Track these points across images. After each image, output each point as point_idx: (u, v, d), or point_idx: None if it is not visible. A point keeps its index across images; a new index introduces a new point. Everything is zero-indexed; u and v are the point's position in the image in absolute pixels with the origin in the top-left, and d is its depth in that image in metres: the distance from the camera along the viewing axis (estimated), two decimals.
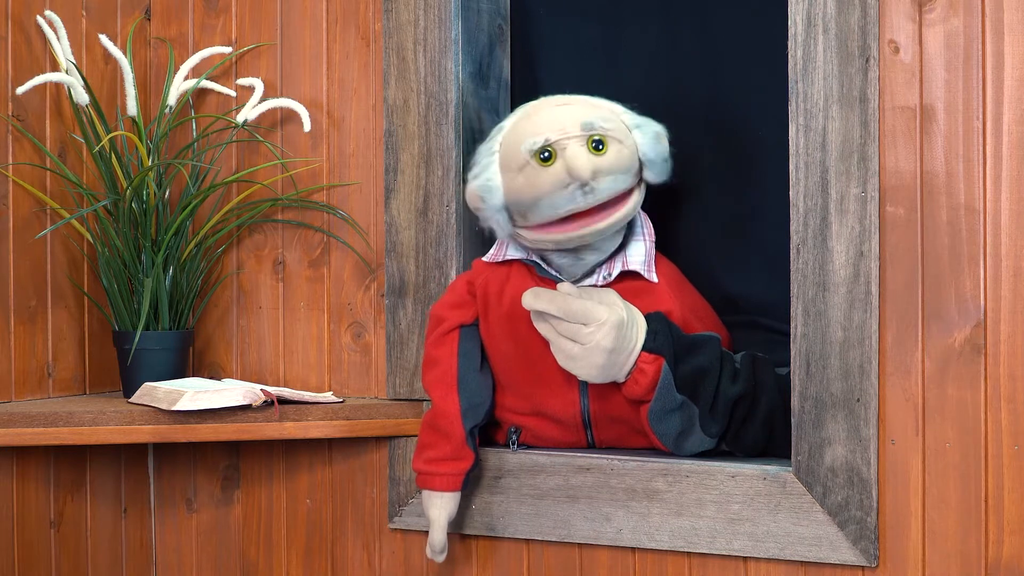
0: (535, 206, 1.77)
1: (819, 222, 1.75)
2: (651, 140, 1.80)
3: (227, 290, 2.23)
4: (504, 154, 1.80)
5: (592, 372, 1.75)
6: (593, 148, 1.75)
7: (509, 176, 1.79)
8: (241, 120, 2.15)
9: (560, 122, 1.77)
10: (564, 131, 1.76)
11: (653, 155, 1.80)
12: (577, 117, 1.77)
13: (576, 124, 1.77)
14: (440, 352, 1.91)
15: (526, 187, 1.76)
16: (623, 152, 1.77)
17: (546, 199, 1.75)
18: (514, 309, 1.85)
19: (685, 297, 1.88)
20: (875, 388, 1.73)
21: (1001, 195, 1.68)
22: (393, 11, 2.07)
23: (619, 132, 1.78)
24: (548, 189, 1.75)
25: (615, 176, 1.76)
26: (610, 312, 1.73)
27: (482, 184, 1.81)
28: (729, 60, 2.03)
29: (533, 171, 1.76)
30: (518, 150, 1.77)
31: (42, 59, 2.11)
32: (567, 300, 1.73)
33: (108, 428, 1.95)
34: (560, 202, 1.75)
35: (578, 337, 1.73)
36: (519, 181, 1.77)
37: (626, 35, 2.09)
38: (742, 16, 2.02)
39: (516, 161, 1.77)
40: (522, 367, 1.87)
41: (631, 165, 1.79)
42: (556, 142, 1.75)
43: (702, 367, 1.78)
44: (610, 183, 1.76)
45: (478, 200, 1.82)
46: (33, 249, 2.09)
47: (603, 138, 1.76)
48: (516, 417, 1.92)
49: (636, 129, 1.81)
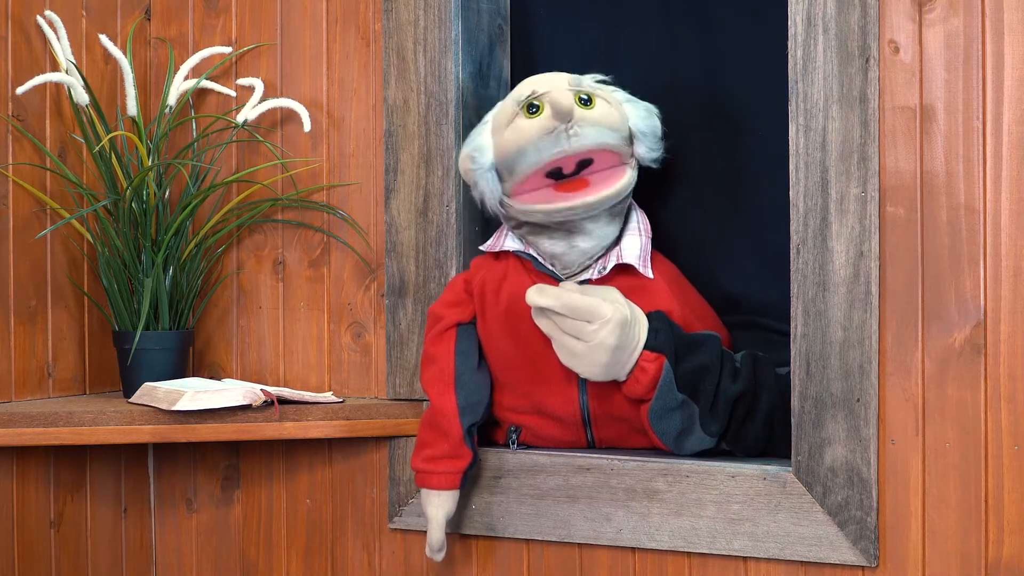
0: (521, 154, 1.79)
1: (819, 222, 1.75)
2: (642, 113, 1.85)
3: (227, 290, 2.23)
4: (496, 118, 1.86)
5: (595, 370, 1.75)
6: (580, 102, 1.78)
7: (499, 134, 1.83)
8: (241, 120, 2.15)
9: (549, 78, 1.84)
10: (552, 84, 1.81)
11: (644, 127, 1.83)
12: (566, 75, 1.84)
13: (564, 80, 1.83)
14: (437, 350, 1.91)
15: (512, 136, 1.80)
16: (611, 112, 1.81)
17: (531, 145, 1.78)
18: (512, 307, 1.85)
19: (684, 296, 1.88)
20: (875, 388, 1.73)
21: (1001, 195, 1.68)
22: (393, 11, 2.07)
23: (608, 96, 1.84)
24: (533, 135, 1.78)
25: (600, 128, 1.79)
26: (614, 310, 1.73)
27: (472, 146, 1.86)
28: (729, 60, 2.03)
29: (520, 122, 1.80)
30: (507, 107, 1.83)
31: (42, 59, 2.11)
32: (571, 297, 1.73)
33: (108, 428, 1.95)
34: (544, 146, 1.77)
35: (582, 335, 1.73)
36: (507, 134, 1.81)
37: (626, 35, 2.09)
38: (742, 16, 2.02)
39: (506, 117, 1.82)
40: (521, 365, 1.87)
41: (619, 125, 1.81)
42: (544, 94, 1.78)
43: (703, 366, 1.78)
44: (595, 133, 1.78)
45: (469, 161, 1.85)
46: (33, 249, 2.09)
47: (591, 95, 1.81)
48: (515, 416, 1.92)
49: (627, 103, 1.85)
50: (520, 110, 1.80)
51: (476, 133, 1.88)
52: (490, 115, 1.88)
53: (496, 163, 1.83)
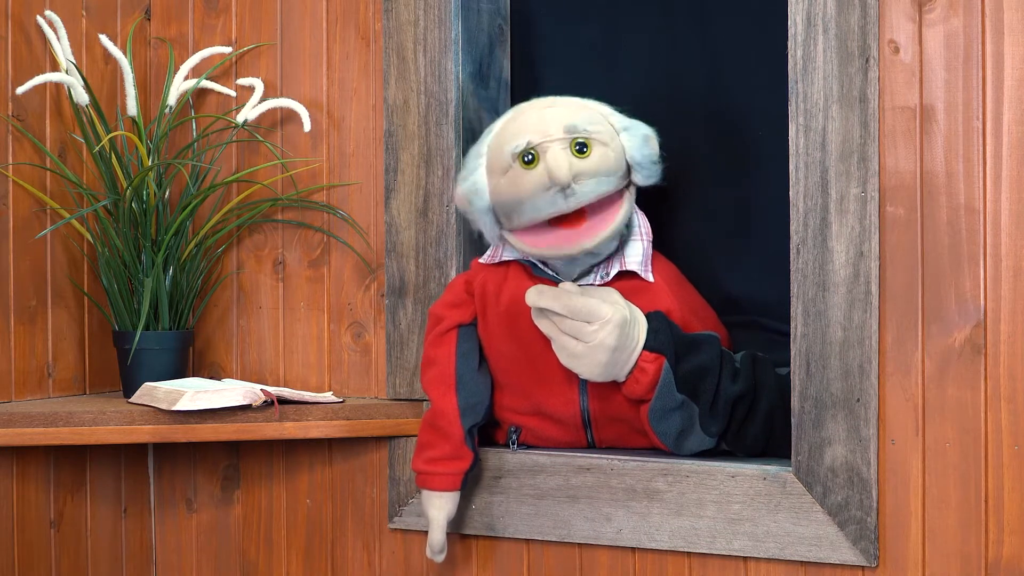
0: (518, 208, 1.77)
1: (819, 222, 1.75)
2: (639, 142, 1.80)
3: (227, 290, 2.23)
4: (490, 157, 1.81)
5: (595, 371, 1.75)
6: (576, 151, 1.75)
7: (494, 178, 1.80)
8: (241, 120, 2.15)
9: (543, 124, 1.77)
10: (547, 134, 1.76)
11: (640, 158, 1.80)
12: (561, 120, 1.77)
13: (559, 127, 1.77)
14: (438, 352, 1.91)
15: (509, 189, 1.77)
16: (608, 155, 1.77)
17: (528, 202, 1.75)
18: (512, 308, 1.85)
19: (684, 296, 1.88)
20: (875, 388, 1.73)
21: (1001, 195, 1.68)
22: (393, 11, 2.07)
23: (604, 135, 1.78)
24: (530, 192, 1.75)
25: (598, 179, 1.76)
26: (614, 310, 1.73)
27: (469, 187, 1.83)
28: (729, 60, 2.03)
29: (516, 173, 1.76)
30: (503, 153, 1.78)
31: (42, 59, 2.11)
32: (571, 298, 1.73)
33: (108, 428, 1.95)
34: (542, 205, 1.75)
35: (581, 335, 1.73)
36: (503, 183, 1.78)
37: (626, 35, 2.09)
38: (742, 16, 2.02)
39: (501, 163, 1.78)
40: (521, 366, 1.87)
41: (616, 168, 1.78)
42: (539, 145, 1.75)
43: (702, 366, 1.78)
44: (593, 185, 1.75)
45: (466, 203, 1.84)
46: (33, 249, 2.09)
47: (587, 141, 1.76)
48: (515, 416, 1.92)
49: (624, 132, 1.81)
50: (515, 161, 1.77)
51: (471, 168, 1.84)
52: (485, 145, 1.84)
53: (493, 206, 1.82)
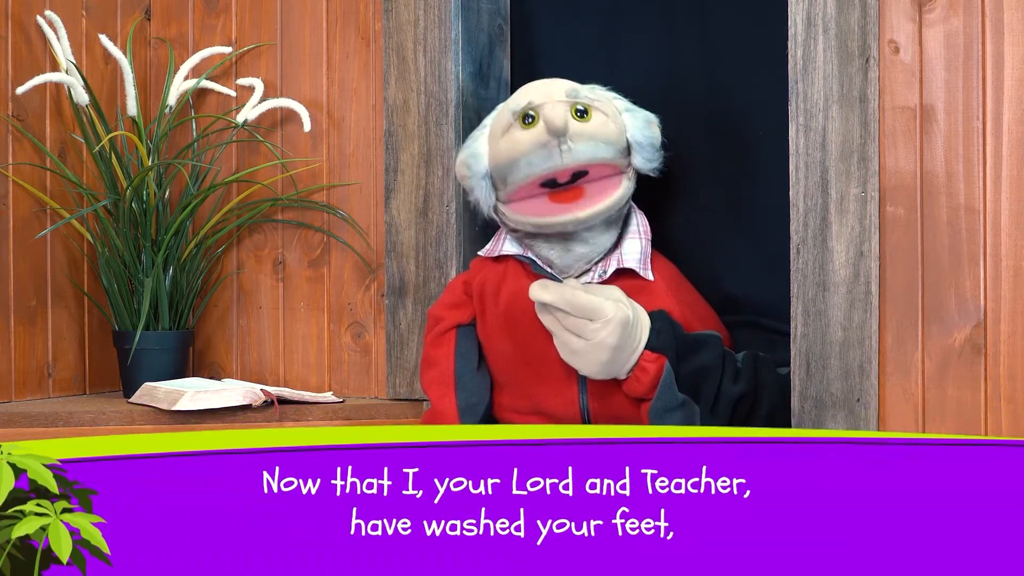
0: (514, 166, 1.78)
1: (819, 222, 1.75)
2: (641, 123, 1.83)
3: (227, 290, 2.23)
4: (493, 125, 1.85)
5: (595, 368, 1.75)
6: (576, 115, 1.78)
7: (494, 142, 1.82)
8: (241, 120, 2.15)
9: (546, 88, 1.82)
10: (549, 96, 1.80)
11: (641, 138, 1.82)
12: (564, 85, 1.82)
13: (561, 91, 1.81)
14: (438, 352, 1.91)
15: (506, 147, 1.79)
16: (608, 124, 1.80)
17: (524, 158, 1.77)
18: (511, 308, 1.85)
19: (684, 296, 1.88)
20: (875, 388, 1.73)
21: (1001, 195, 1.68)
22: (393, 11, 2.07)
23: (606, 107, 1.82)
24: (527, 147, 1.77)
25: (595, 143, 1.78)
26: (616, 309, 1.73)
27: (469, 152, 1.86)
28: (729, 60, 2.03)
29: (515, 132, 1.79)
30: (504, 115, 1.82)
31: (42, 59, 2.11)
32: (574, 294, 1.73)
33: (108, 428, 1.95)
34: (537, 160, 1.77)
35: (583, 332, 1.73)
36: (502, 144, 1.80)
37: (626, 35, 2.09)
38: (742, 16, 2.02)
39: (502, 126, 1.81)
40: (520, 366, 1.87)
41: (616, 139, 1.80)
42: (539, 105, 1.78)
43: (704, 366, 1.78)
44: (590, 147, 1.77)
45: (464, 168, 1.85)
46: (33, 249, 2.10)
47: (587, 107, 1.80)
48: (515, 416, 1.92)
49: (626, 112, 1.84)
50: (515, 120, 1.80)
51: (473, 138, 1.87)
52: (489, 119, 1.88)
53: (491, 171, 1.84)
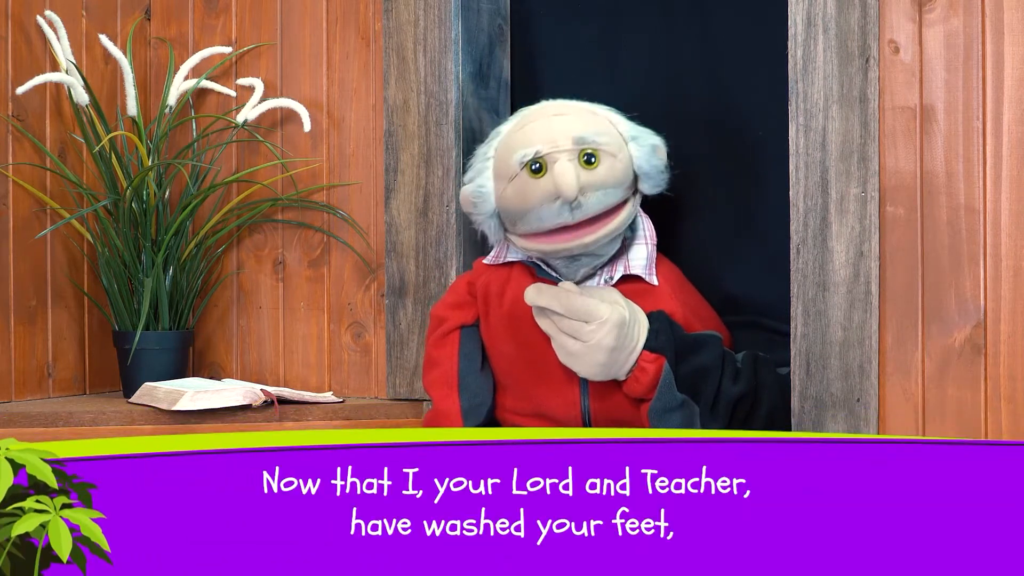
0: (523, 217, 1.77)
1: (819, 222, 1.75)
2: (647, 153, 1.80)
3: (227, 290, 2.23)
4: (498, 162, 1.81)
5: (593, 370, 1.75)
6: (584, 162, 1.75)
7: (500, 185, 1.79)
8: (241, 120, 2.15)
9: (552, 134, 1.77)
10: (555, 144, 1.76)
11: (648, 168, 1.80)
12: (570, 130, 1.77)
13: (568, 138, 1.76)
14: (441, 353, 1.91)
15: (515, 198, 1.77)
16: (615, 167, 1.77)
17: (534, 212, 1.76)
18: (515, 309, 1.85)
19: (686, 298, 1.88)
20: (875, 388, 1.73)
21: (1001, 195, 1.68)
22: (393, 11, 2.07)
23: (613, 145, 1.78)
24: (536, 202, 1.75)
25: (605, 191, 1.76)
26: (612, 310, 1.73)
27: (474, 190, 1.82)
28: (729, 60, 2.02)
29: (523, 182, 1.76)
30: (510, 160, 1.78)
31: (42, 59, 2.11)
32: (569, 297, 1.73)
33: (108, 428, 1.95)
34: (547, 216, 1.75)
35: (579, 335, 1.73)
36: (509, 191, 1.78)
37: (626, 35, 2.09)
38: (742, 16, 2.02)
39: (508, 171, 1.78)
40: (523, 367, 1.87)
41: (623, 179, 1.78)
42: (547, 155, 1.75)
43: (703, 367, 1.78)
44: (599, 198, 1.76)
45: (471, 205, 1.83)
46: (33, 249, 2.10)
47: (595, 152, 1.76)
48: (517, 418, 1.92)
49: (632, 141, 1.80)
50: (522, 169, 1.77)
51: (477, 170, 1.83)
52: (492, 148, 1.83)
53: (499, 210, 1.82)
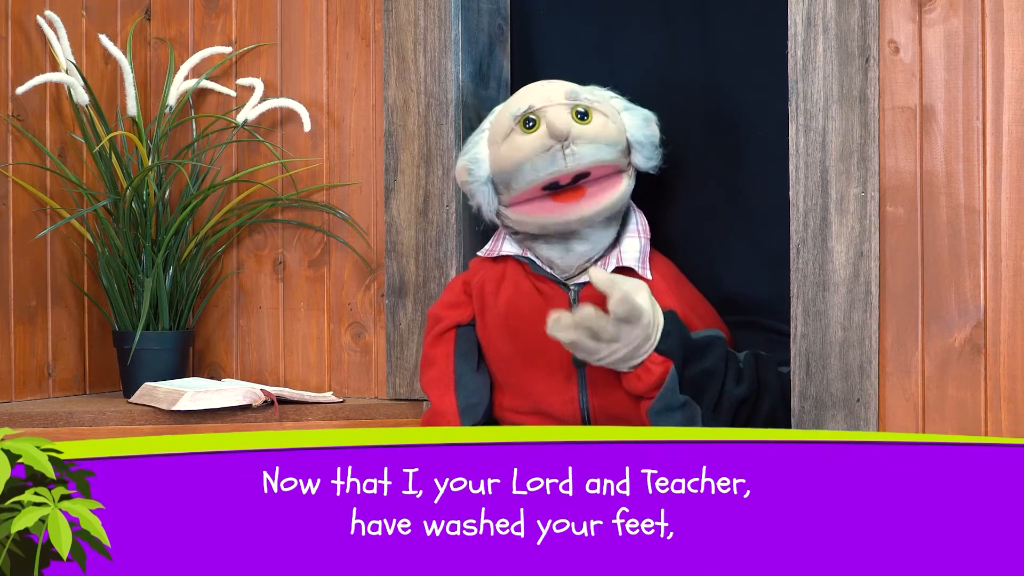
0: (517, 171, 1.78)
1: (819, 222, 1.75)
2: (640, 122, 1.84)
3: (227, 290, 2.23)
4: (492, 129, 1.85)
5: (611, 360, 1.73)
6: (577, 117, 1.78)
7: (495, 147, 1.82)
8: (241, 120, 2.15)
9: (545, 91, 1.82)
10: (548, 99, 1.80)
11: (641, 137, 1.83)
12: (563, 87, 1.83)
13: (561, 93, 1.81)
14: (437, 352, 1.91)
15: (509, 153, 1.79)
16: (608, 125, 1.80)
17: (528, 163, 1.77)
18: (511, 308, 1.85)
19: (684, 294, 1.88)
20: (875, 388, 1.73)
21: (1001, 195, 1.68)
22: (393, 11, 2.07)
23: (606, 107, 1.82)
24: (530, 152, 1.77)
25: (597, 144, 1.78)
26: (641, 331, 1.71)
27: (469, 157, 1.86)
28: (729, 60, 2.03)
29: (516, 137, 1.79)
30: (504, 119, 1.82)
31: (42, 59, 2.11)
32: (597, 321, 1.69)
33: (108, 428, 1.95)
34: (541, 164, 1.77)
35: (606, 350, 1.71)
36: (503, 148, 1.80)
37: (626, 35, 2.09)
38: (742, 16, 2.02)
39: (502, 130, 1.81)
40: (520, 365, 1.87)
41: (616, 140, 1.81)
42: (540, 109, 1.78)
43: (708, 370, 1.78)
44: (592, 150, 1.77)
45: (465, 173, 1.85)
46: (33, 249, 2.10)
47: (588, 109, 1.80)
48: (515, 416, 1.92)
49: (625, 111, 1.85)
50: (516, 124, 1.80)
51: (473, 142, 1.87)
52: (487, 122, 1.87)
53: (492, 176, 1.84)
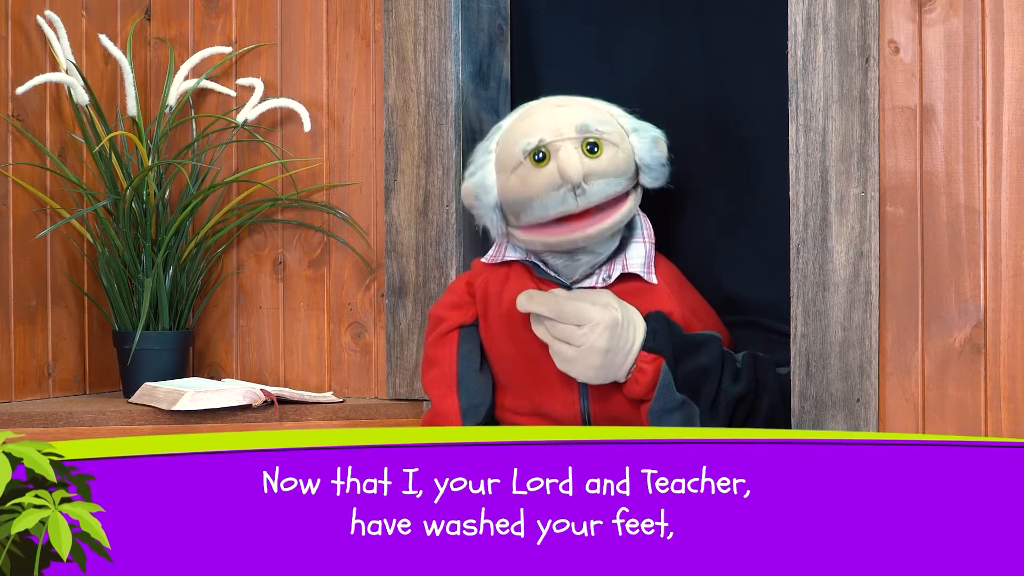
0: (527, 206, 1.77)
1: (819, 222, 1.75)
2: (648, 145, 1.81)
3: (227, 290, 2.23)
4: (500, 154, 1.81)
5: (589, 373, 1.75)
6: (587, 151, 1.76)
7: (503, 176, 1.80)
8: (241, 120, 2.15)
9: (555, 123, 1.78)
10: (559, 132, 1.77)
11: (650, 160, 1.81)
12: (573, 119, 1.78)
13: (571, 126, 1.77)
14: (439, 352, 1.91)
15: (519, 187, 1.77)
16: (618, 156, 1.78)
17: (537, 200, 1.76)
18: (513, 309, 1.85)
19: (685, 297, 1.88)
20: (875, 388, 1.73)
21: (1001, 195, 1.68)
22: (393, 11, 2.07)
23: (615, 136, 1.79)
24: (540, 190, 1.75)
25: (608, 180, 1.77)
26: (603, 313, 1.73)
27: (477, 183, 1.82)
28: (729, 60, 2.03)
29: (526, 171, 1.76)
30: (513, 150, 1.78)
31: (42, 59, 2.11)
32: (559, 302, 1.73)
33: (108, 428, 1.95)
34: (551, 203, 1.76)
35: (572, 339, 1.73)
36: (512, 181, 1.78)
37: (626, 35, 2.09)
38: (742, 16, 2.02)
39: (511, 161, 1.78)
40: (522, 367, 1.87)
41: (626, 169, 1.79)
42: (550, 143, 1.76)
43: (703, 367, 1.78)
44: (602, 187, 1.76)
45: (472, 198, 1.83)
46: (33, 249, 2.10)
47: (598, 141, 1.77)
48: (516, 417, 1.92)
49: (634, 133, 1.82)
50: (526, 158, 1.78)
51: (479, 164, 1.84)
52: (493, 143, 1.84)
53: (501, 203, 1.82)
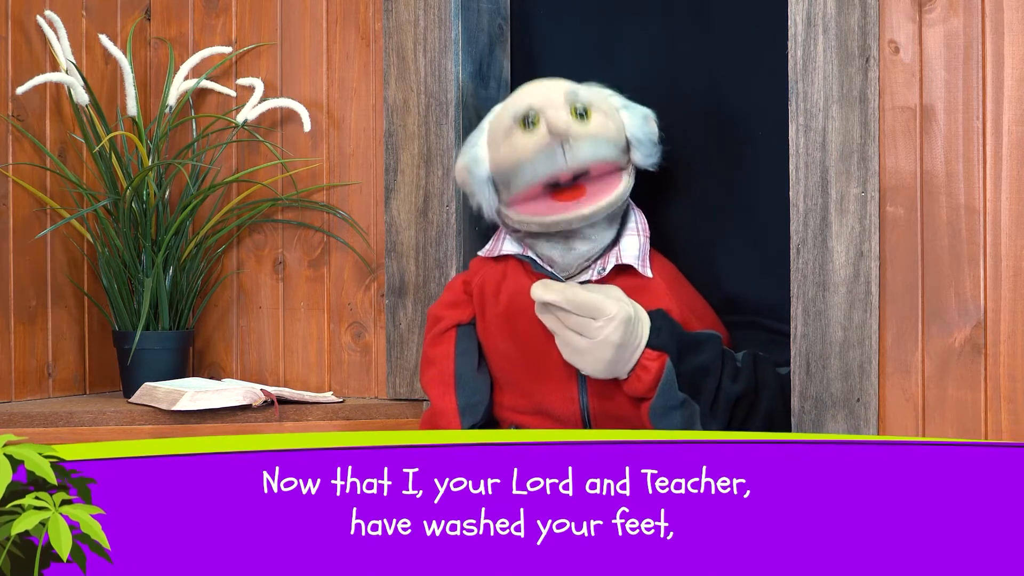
0: (517, 170, 1.79)
1: (819, 222, 1.75)
2: (639, 120, 1.85)
3: (227, 290, 2.23)
4: (492, 129, 1.85)
5: (598, 367, 1.75)
6: (577, 116, 1.79)
7: (494, 147, 1.83)
8: (241, 120, 2.15)
9: (545, 90, 1.82)
10: (548, 98, 1.80)
11: (640, 135, 1.84)
12: (562, 86, 1.83)
13: (560, 93, 1.81)
14: (437, 351, 1.91)
15: (509, 152, 1.80)
16: (607, 124, 1.81)
17: (527, 162, 1.78)
18: (511, 307, 1.85)
19: (683, 295, 1.89)
20: (875, 388, 1.73)
21: (1001, 195, 1.68)
22: (393, 11, 2.07)
23: (604, 105, 1.83)
24: (529, 152, 1.78)
25: (596, 142, 1.79)
26: (619, 307, 1.73)
27: (469, 157, 1.86)
28: (729, 60, 2.03)
29: (516, 136, 1.80)
30: (504, 119, 1.82)
31: (42, 59, 2.11)
32: (576, 293, 1.73)
33: (108, 428, 1.95)
34: (540, 163, 1.77)
35: (587, 331, 1.73)
36: (503, 148, 1.81)
37: (626, 35, 2.09)
38: (742, 16, 2.02)
39: (502, 130, 1.82)
40: (521, 365, 1.87)
41: (616, 137, 1.82)
42: (540, 108, 1.79)
43: (704, 366, 1.78)
44: (591, 148, 1.78)
45: (465, 172, 1.86)
46: (33, 249, 2.10)
47: (587, 107, 1.81)
48: (515, 415, 1.92)
49: (624, 109, 1.86)
50: (516, 124, 1.80)
51: (472, 142, 1.88)
52: (487, 121, 1.88)
53: (492, 175, 1.84)
